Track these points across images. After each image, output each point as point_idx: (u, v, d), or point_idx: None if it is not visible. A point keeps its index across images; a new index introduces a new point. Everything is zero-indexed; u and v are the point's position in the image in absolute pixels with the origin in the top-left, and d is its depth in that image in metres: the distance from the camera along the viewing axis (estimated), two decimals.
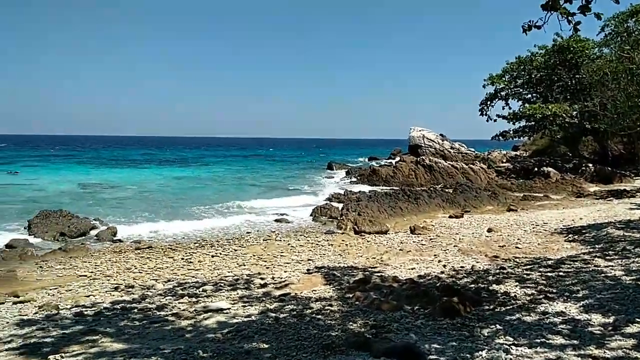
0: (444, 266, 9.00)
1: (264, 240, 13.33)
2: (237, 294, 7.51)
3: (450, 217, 16.07)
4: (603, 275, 7.11)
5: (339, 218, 16.07)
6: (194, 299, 7.27)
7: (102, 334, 5.62)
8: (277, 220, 17.31)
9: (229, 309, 6.55)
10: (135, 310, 6.80)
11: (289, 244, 12.54)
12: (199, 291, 7.78)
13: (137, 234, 14.79)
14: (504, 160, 35.04)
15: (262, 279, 8.59)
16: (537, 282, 6.99)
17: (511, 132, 32.02)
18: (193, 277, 9.18)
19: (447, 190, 21.56)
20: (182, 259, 11.00)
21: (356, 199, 19.64)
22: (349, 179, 33.50)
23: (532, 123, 29.69)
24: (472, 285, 7.17)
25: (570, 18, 4.28)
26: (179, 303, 7.11)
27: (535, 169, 28.02)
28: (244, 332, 5.35)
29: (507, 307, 5.87)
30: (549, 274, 7.47)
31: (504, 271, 8.02)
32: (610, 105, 20.92)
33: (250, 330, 5.41)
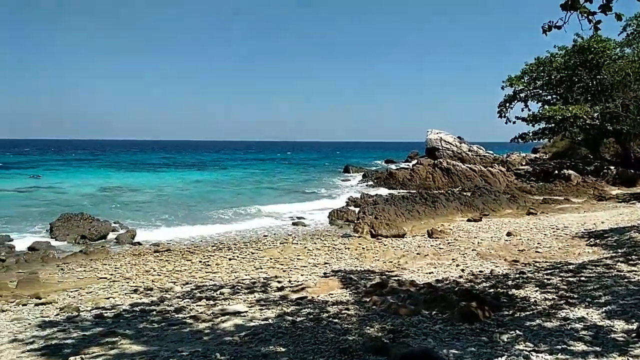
0: (462, 270, 8.91)
1: (280, 243, 13.38)
2: (254, 297, 7.54)
3: (469, 220, 15.91)
4: (626, 280, 6.96)
5: (355, 221, 16.02)
6: (211, 302, 7.32)
7: (122, 336, 5.69)
8: (293, 224, 17.36)
9: (246, 312, 6.58)
10: (154, 313, 6.88)
11: (306, 247, 12.55)
12: (217, 294, 7.83)
13: (156, 237, 14.98)
14: (524, 163, 34.59)
15: (279, 282, 8.62)
16: (558, 287, 6.87)
17: (531, 134, 31.55)
18: (211, 279, 9.25)
19: (465, 193, 21.35)
20: (200, 261, 11.09)
21: (373, 202, 19.56)
22: (366, 182, 33.41)
23: (552, 125, 29.19)
24: (491, 290, 7.08)
25: (590, 17, 4.21)
26: (196, 306, 7.16)
27: (556, 171, 27.61)
28: (261, 335, 5.36)
29: (527, 313, 5.78)
30: (570, 279, 7.34)
31: (524, 276, 7.91)
32: (632, 107, 20.52)
33: (267, 333, 5.42)
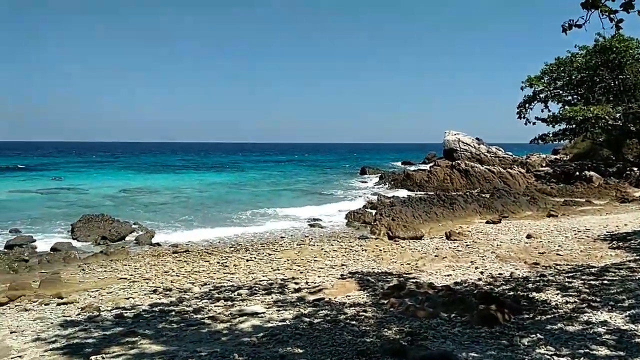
0: (482, 273, 8.81)
1: (297, 245, 13.39)
2: (272, 298, 7.56)
3: (487, 222, 15.74)
4: None
5: (372, 223, 15.96)
6: (229, 303, 7.37)
7: (141, 336, 5.76)
8: (310, 225, 17.37)
9: (263, 313, 6.60)
10: (173, 313, 6.95)
11: (323, 249, 12.55)
12: (235, 295, 7.88)
13: (175, 238, 15.13)
14: (544, 164, 34.09)
15: (296, 283, 8.63)
16: (579, 291, 6.76)
17: (551, 135, 31.05)
18: (228, 280, 9.31)
19: (483, 195, 21.13)
20: (218, 262, 11.17)
21: (390, 203, 19.47)
22: (383, 183, 33.27)
23: (573, 126, 28.61)
24: (511, 293, 6.98)
25: (612, 16, 4.15)
26: (214, 306, 7.22)
27: (577, 173, 27.16)
28: (278, 336, 5.38)
29: (548, 316, 5.69)
30: (593, 282, 7.20)
31: (545, 279, 7.79)
32: None
33: (284, 334, 5.44)
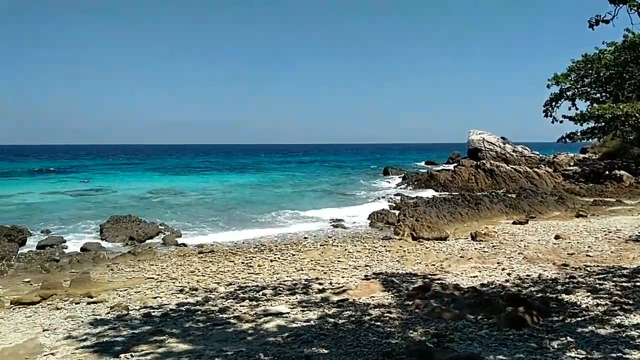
0: (509, 274, 8.67)
1: (321, 245, 13.40)
2: (296, 298, 7.59)
3: (514, 223, 15.46)
4: None
5: (396, 224, 15.85)
6: (254, 303, 7.42)
7: (169, 335, 5.86)
8: (333, 226, 17.36)
9: (288, 313, 6.63)
10: (199, 312, 7.04)
11: (346, 249, 12.53)
12: (259, 295, 7.94)
13: (200, 239, 15.32)
14: (572, 164, 33.32)
15: (320, 284, 8.64)
16: (611, 293, 6.59)
17: (579, 134, 30.34)
18: (253, 281, 9.38)
19: (509, 195, 20.77)
20: (243, 263, 11.27)
21: (413, 204, 19.27)
22: (406, 184, 33.02)
23: (602, 124, 27.91)
24: (539, 295, 6.86)
25: None
26: (240, 306, 7.28)
27: (606, 172, 26.45)
28: (303, 336, 5.39)
29: (579, 319, 5.57)
30: (625, 284, 7.02)
31: (574, 280, 7.63)
32: None
33: (309, 334, 5.45)
